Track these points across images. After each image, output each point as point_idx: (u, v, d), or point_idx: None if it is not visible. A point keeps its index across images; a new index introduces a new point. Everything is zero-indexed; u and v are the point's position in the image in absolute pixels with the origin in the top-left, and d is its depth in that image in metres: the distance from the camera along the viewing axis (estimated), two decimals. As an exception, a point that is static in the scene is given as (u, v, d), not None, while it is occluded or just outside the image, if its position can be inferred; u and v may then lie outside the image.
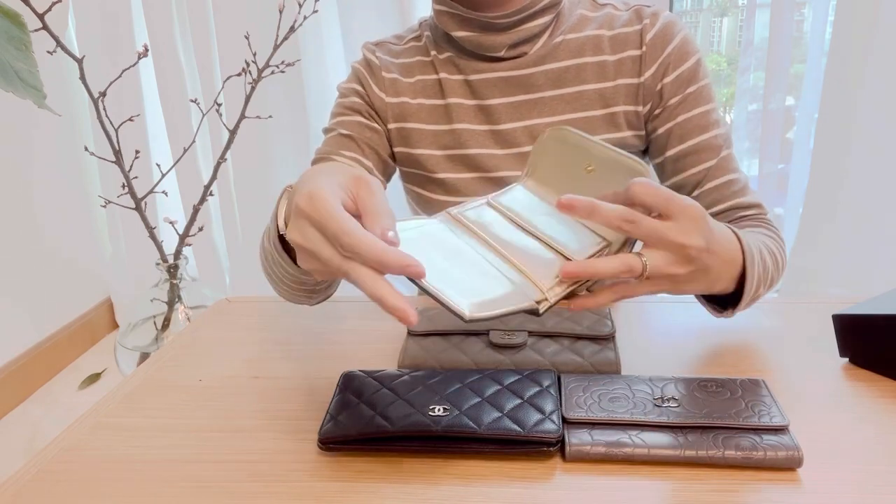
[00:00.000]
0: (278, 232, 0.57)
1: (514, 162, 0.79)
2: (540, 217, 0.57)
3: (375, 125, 0.82)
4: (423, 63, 0.81)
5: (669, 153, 0.77)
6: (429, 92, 0.80)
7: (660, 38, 0.76)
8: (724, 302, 0.65)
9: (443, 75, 0.80)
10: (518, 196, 0.60)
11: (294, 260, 0.59)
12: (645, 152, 0.82)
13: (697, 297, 0.68)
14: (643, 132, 0.79)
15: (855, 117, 1.66)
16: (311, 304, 0.71)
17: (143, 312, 1.48)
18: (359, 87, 0.82)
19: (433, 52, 0.80)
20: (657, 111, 0.77)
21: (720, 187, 0.75)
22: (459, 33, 0.76)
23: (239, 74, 1.41)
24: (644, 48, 0.76)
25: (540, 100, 0.77)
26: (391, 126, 0.82)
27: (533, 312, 0.50)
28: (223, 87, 1.57)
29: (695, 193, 0.77)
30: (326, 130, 0.83)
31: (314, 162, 0.82)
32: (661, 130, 0.77)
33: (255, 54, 1.41)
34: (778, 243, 0.73)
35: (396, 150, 0.83)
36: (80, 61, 1.21)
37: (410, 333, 0.67)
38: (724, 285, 0.60)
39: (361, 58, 0.84)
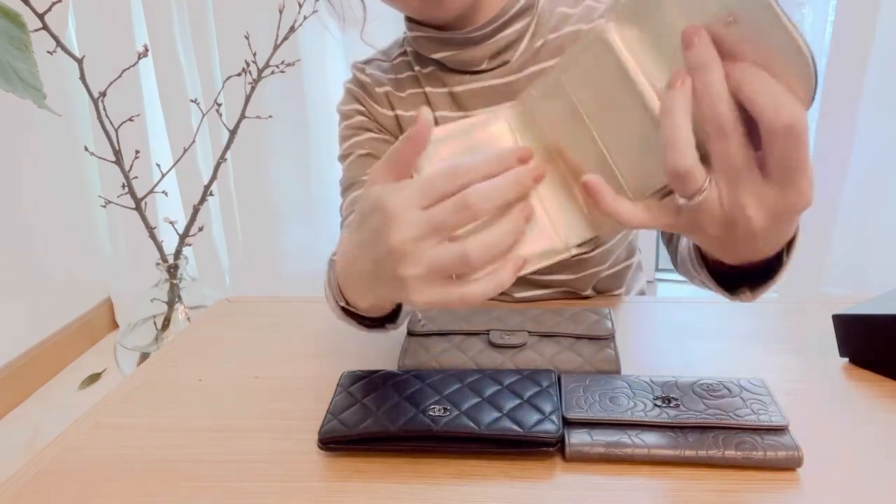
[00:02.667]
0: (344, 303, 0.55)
1: None
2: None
3: (388, 138, 0.81)
4: (411, 77, 0.81)
5: None
6: (419, 106, 0.80)
7: None
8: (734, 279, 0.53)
9: (428, 89, 0.79)
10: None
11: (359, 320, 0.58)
12: None
13: (702, 273, 0.55)
14: None
15: (855, 117, 1.66)
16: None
17: (143, 312, 1.48)
18: (359, 107, 0.82)
19: (417, 68, 0.80)
20: None
21: None
22: (439, 55, 0.76)
23: (239, 74, 1.41)
24: None
25: None
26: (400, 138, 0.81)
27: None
28: (223, 87, 1.57)
29: None
30: (343, 157, 0.82)
31: (344, 190, 0.80)
32: None
33: (255, 54, 1.41)
34: None
35: None
36: (80, 61, 1.21)
37: (410, 333, 0.67)
38: (737, 260, 0.48)
39: (352, 77, 0.84)
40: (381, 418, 0.53)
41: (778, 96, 0.34)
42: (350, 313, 0.57)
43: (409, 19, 0.78)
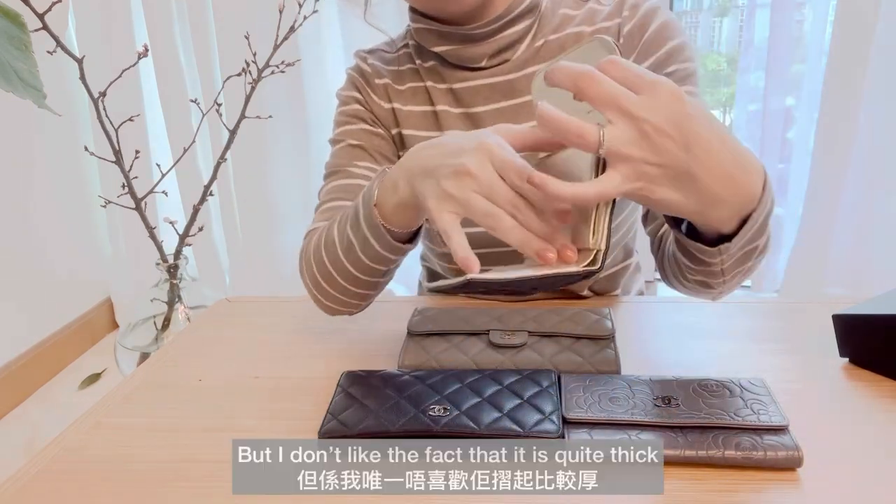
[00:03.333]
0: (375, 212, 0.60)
1: None
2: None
3: (380, 131, 0.81)
4: (412, 70, 0.81)
5: None
6: (419, 99, 0.80)
7: (637, 28, 0.73)
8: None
9: (429, 83, 0.79)
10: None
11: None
12: None
13: (680, 237, 0.58)
14: None
15: (855, 117, 1.66)
16: (359, 309, 0.71)
17: (143, 312, 1.48)
18: (357, 95, 0.82)
19: (418, 62, 0.80)
20: None
21: None
22: (439, 48, 0.76)
23: (239, 74, 1.41)
24: (621, 41, 0.74)
25: (524, 103, 0.77)
26: (394, 131, 0.82)
27: (588, 275, 0.50)
28: (223, 87, 1.57)
29: None
30: (333, 141, 0.83)
31: (328, 175, 0.81)
32: None
33: (255, 54, 1.41)
34: None
35: (401, 153, 0.83)
36: (80, 61, 1.21)
37: (410, 333, 0.67)
38: (724, 213, 0.51)
39: (355, 65, 0.84)
40: (380, 418, 0.53)
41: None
42: (376, 229, 0.61)
43: (412, 10, 0.78)
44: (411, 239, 0.64)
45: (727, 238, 0.54)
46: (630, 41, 0.74)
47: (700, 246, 0.56)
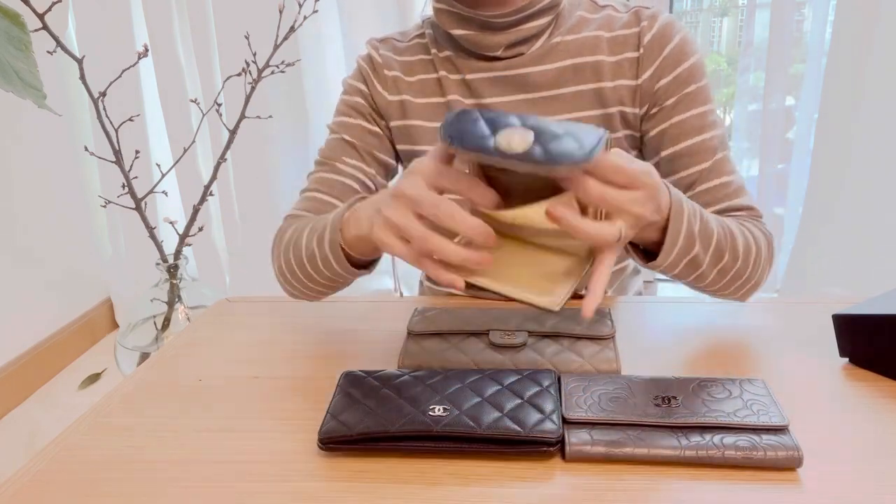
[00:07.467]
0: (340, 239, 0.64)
1: None
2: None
3: (377, 128, 0.83)
4: (424, 61, 0.82)
5: (664, 154, 0.77)
6: (429, 90, 0.81)
7: (657, 39, 0.76)
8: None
9: (442, 73, 0.80)
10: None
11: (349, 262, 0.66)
12: (639, 153, 0.82)
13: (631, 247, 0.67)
14: (637, 133, 0.79)
15: (855, 117, 1.66)
16: (318, 300, 0.77)
17: (143, 312, 1.48)
18: (362, 87, 0.83)
19: (433, 51, 0.81)
20: (653, 111, 0.77)
21: (713, 190, 0.75)
22: (458, 31, 0.77)
23: (239, 74, 1.41)
24: (641, 50, 0.76)
25: (539, 99, 0.77)
26: (393, 123, 0.82)
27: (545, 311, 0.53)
28: (223, 87, 1.57)
29: (688, 194, 0.77)
30: (331, 129, 0.85)
31: (318, 164, 0.84)
32: (655, 131, 0.77)
33: (255, 54, 1.41)
34: (754, 234, 0.70)
35: (399, 147, 0.84)
36: (80, 61, 1.22)
37: (410, 333, 0.67)
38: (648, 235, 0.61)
39: (366, 54, 0.85)
40: (380, 418, 0.53)
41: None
42: (336, 253, 0.65)
43: None
44: (367, 265, 0.68)
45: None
46: (650, 52, 0.76)
47: (640, 262, 0.65)
